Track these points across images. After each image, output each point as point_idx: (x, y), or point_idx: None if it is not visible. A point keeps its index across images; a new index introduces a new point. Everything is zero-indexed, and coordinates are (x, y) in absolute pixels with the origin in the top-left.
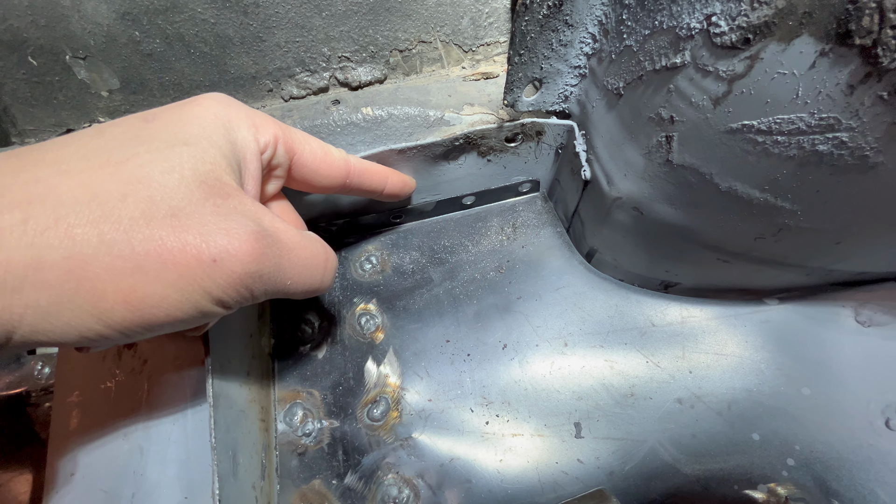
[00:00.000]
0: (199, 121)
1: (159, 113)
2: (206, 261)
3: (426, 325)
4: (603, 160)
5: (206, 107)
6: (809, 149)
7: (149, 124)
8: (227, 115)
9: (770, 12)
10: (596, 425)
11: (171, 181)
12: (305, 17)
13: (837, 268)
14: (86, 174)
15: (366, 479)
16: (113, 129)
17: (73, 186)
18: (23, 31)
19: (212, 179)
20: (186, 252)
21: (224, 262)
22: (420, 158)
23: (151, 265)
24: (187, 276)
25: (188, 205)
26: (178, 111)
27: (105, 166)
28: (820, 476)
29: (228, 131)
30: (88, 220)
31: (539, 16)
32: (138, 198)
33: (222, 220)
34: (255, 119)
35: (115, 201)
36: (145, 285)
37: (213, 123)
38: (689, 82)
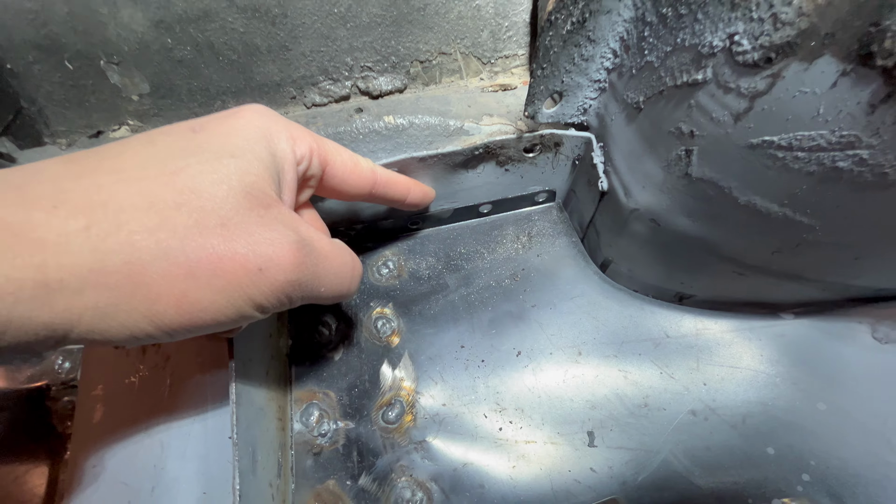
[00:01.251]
0: (243, 133)
1: (205, 124)
2: (252, 269)
3: (441, 330)
4: (621, 172)
5: (249, 119)
6: (829, 165)
7: (197, 135)
8: (267, 127)
9: (793, 33)
10: (609, 435)
11: (220, 192)
12: (331, 27)
13: (855, 283)
14: (143, 183)
15: (380, 481)
16: (163, 138)
17: (132, 195)
18: (62, 36)
19: (256, 190)
20: (235, 261)
21: (268, 270)
22: (440, 166)
23: (203, 272)
24: (234, 284)
25: (236, 215)
26: (223, 123)
27: (160, 176)
28: (835, 492)
29: (269, 143)
30: (147, 227)
31: (563, 31)
32: (191, 207)
33: (266, 231)
34: (293, 131)
35: (171, 210)
36: (196, 290)
37: (256, 135)
38: (711, 98)
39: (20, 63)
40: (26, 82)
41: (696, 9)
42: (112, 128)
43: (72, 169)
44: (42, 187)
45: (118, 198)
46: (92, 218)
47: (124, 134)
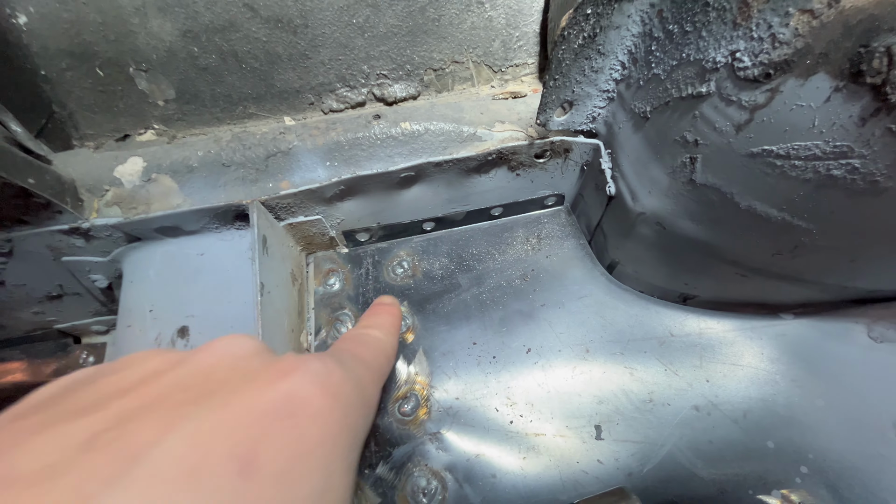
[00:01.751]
0: (323, 452)
1: (261, 448)
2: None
3: (454, 327)
4: (628, 177)
5: (325, 417)
6: (824, 173)
7: (249, 483)
8: (352, 415)
9: (790, 51)
10: (616, 428)
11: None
12: (349, 37)
13: (851, 285)
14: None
15: (396, 470)
16: (191, 496)
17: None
18: (94, 45)
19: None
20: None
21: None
22: (454, 171)
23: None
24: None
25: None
26: (289, 443)
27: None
28: (832, 484)
29: (355, 441)
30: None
31: (575, 45)
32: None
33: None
34: (369, 391)
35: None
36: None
37: (338, 450)
38: (714, 110)
39: (54, 70)
40: (59, 88)
41: (701, 27)
42: (138, 132)
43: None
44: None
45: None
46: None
47: (150, 138)
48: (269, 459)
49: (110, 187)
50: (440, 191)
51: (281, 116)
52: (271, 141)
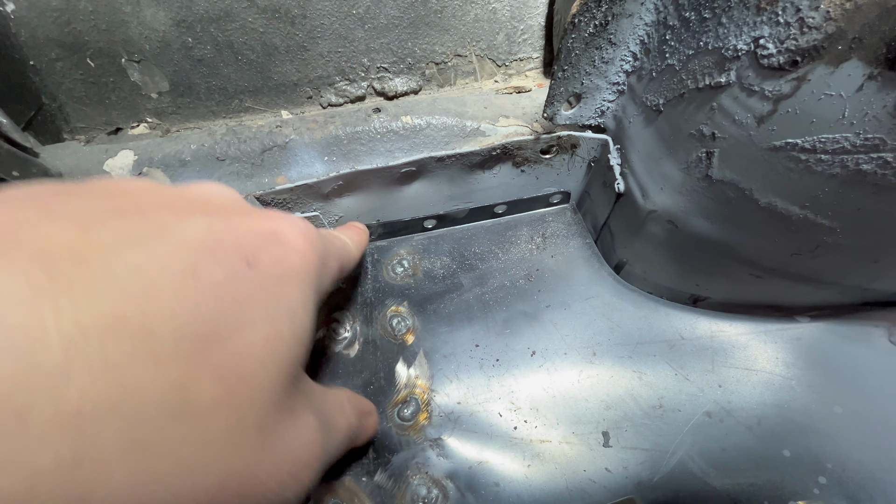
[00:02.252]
0: (299, 277)
1: (259, 253)
2: (277, 484)
3: (456, 329)
4: (638, 174)
5: (305, 253)
6: (853, 168)
7: (252, 271)
8: (320, 266)
9: (819, 37)
10: (624, 435)
11: (268, 376)
12: (349, 29)
13: (873, 287)
14: (164, 368)
15: (395, 478)
16: (210, 265)
17: (145, 384)
18: (84, 34)
19: (297, 364)
20: (265, 480)
21: (296, 475)
22: (457, 166)
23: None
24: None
25: (274, 408)
26: (279, 256)
27: (197, 344)
28: (852, 495)
29: (318, 290)
30: (162, 449)
31: (585, 34)
32: (234, 407)
33: (297, 426)
34: (331, 263)
35: (205, 412)
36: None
37: (310, 281)
38: (734, 101)
39: (43, 60)
40: (48, 79)
41: (721, 13)
42: (131, 125)
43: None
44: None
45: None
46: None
47: (143, 131)
48: (267, 264)
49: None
50: (442, 187)
51: (278, 110)
52: (267, 135)
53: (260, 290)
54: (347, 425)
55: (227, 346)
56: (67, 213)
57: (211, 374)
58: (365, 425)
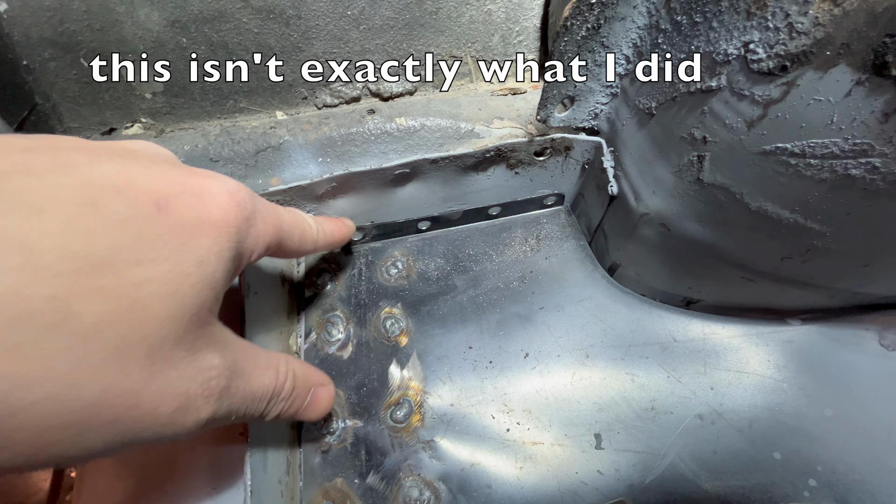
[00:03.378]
0: (215, 228)
1: (173, 201)
2: (163, 413)
3: (449, 330)
4: (631, 176)
5: (226, 208)
6: (842, 172)
7: (162, 216)
8: (242, 220)
9: (808, 42)
10: (616, 437)
11: (166, 311)
12: (344, 29)
13: (863, 290)
14: (63, 279)
15: (387, 480)
16: (115, 205)
17: (40, 288)
18: (78, 34)
19: (204, 309)
20: (146, 404)
21: (182, 412)
22: (451, 168)
23: (98, 418)
24: (134, 428)
25: (169, 343)
26: (195, 203)
27: (98, 268)
28: (842, 498)
29: (238, 245)
30: (41, 353)
31: (578, 37)
32: (123, 328)
33: (192, 362)
34: (260, 227)
35: (90, 331)
36: (77, 436)
37: (228, 234)
38: (724, 105)
39: (36, 60)
40: (41, 79)
41: (712, 17)
42: (125, 125)
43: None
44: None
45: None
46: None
47: (137, 132)
48: (180, 211)
49: None
50: (436, 189)
51: (273, 111)
52: (261, 136)
53: (168, 232)
54: (275, 385)
55: (123, 274)
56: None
57: (98, 295)
58: (315, 397)
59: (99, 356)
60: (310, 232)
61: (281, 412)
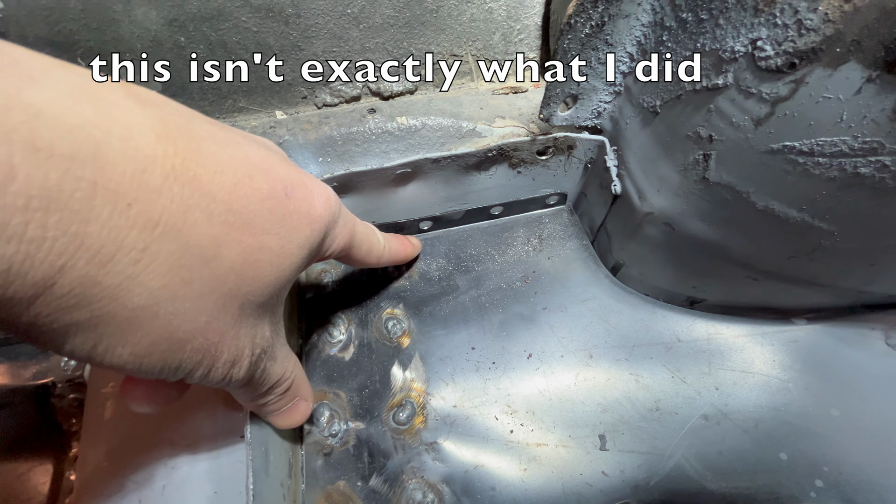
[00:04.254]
0: (315, 221)
1: (295, 190)
2: (217, 365)
3: (452, 331)
4: (635, 175)
5: (324, 206)
6: (851, 171)
7: (287, 200)
8: (331, 223)
9: (818, 39)
10: (621, 438)
11: (268, 277)
12: (344, 28)
13: (870, 289)
14: (219, 226)
15: (390, 483)
16: (264, 181)
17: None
18: (75, 33)
19: (284, 288)
20: (210, 350)
21: (223, 372)
22: (452, 168)
23: (187, 343)
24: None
25: (254, 306)
26: (307, 198)
27: (239, 227)
28: (849, 499)
29: (322, 243)
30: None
31: (581, 35)
32: (237, 280)
33: (248, 337)
34: (339, 231)
35: (222, 273)
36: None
37: (321, 229)
38: (731, 103)
39: None
40: None
41: (718, 14)
42: None
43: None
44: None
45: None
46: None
47: None
48: (298, 200)
49: None
50: (438, 189)
51: (272, 110)
52: (261, 135)
53: (288, 215)
54: (280, 379)
55: (256, 237)
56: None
57: (238, 247)
58: (295, 407)
59: (218, 293)
60: (377, 246)
61: (266, 403)
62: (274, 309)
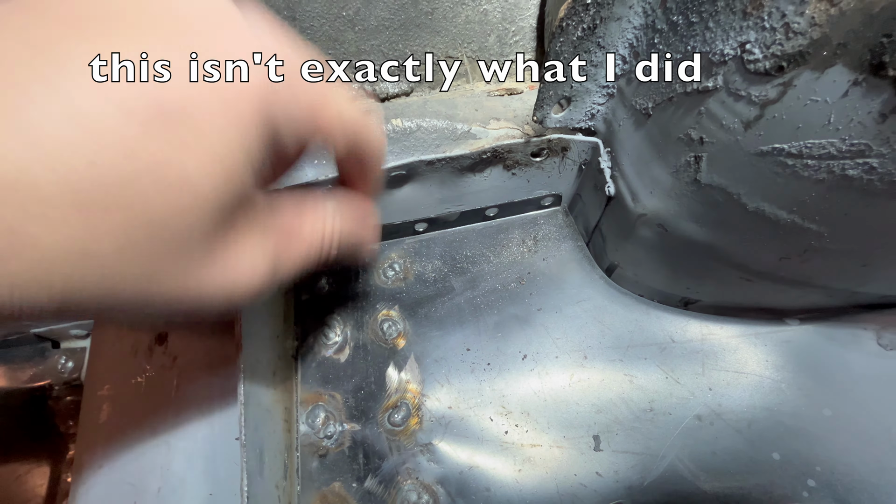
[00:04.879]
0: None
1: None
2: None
3: (447, 333)
4: (628, 177)
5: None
6: (839, 173)
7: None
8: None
9: (805, 42)
10: (615, 439)
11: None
12: (339, 30)
13: (862, 290)
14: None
15: (385, 484)
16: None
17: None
18: None
19: (244, 191)
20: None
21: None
22: (447, 170)
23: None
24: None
25: (208, 238)
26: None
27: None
28: (842, 498)
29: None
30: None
31: (573, 38)
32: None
33: (236, 255)
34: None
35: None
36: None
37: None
38: (721, 105)
39: None
40: None
41: (708, 17)
42: None
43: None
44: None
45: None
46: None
47: None
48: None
49: None
50: (433, 190)
51: None
52: None
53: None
54: (328, 234)
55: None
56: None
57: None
58: (357, 242)
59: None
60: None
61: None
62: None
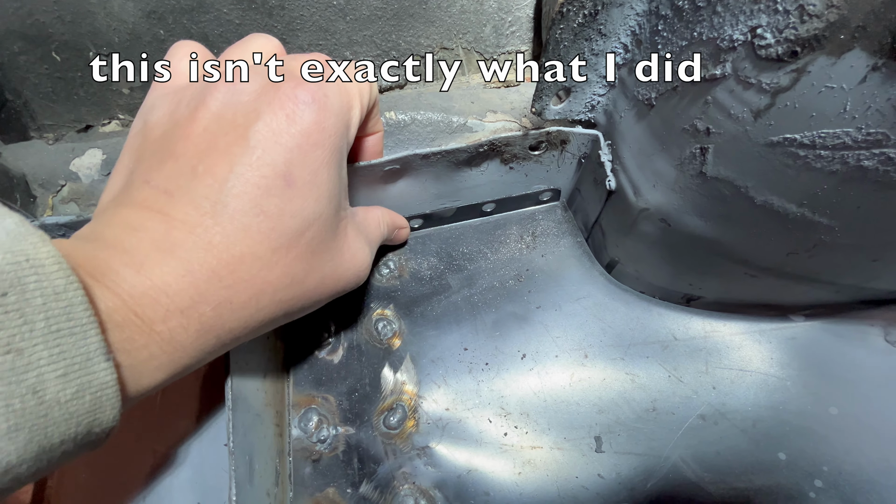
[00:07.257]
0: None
1: (295, 172)
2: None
3: (444, 332)
4: (630, 170)
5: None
6: (854, 164)
7: (289, 190)
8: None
9: (821, 25)
10: (617, 440)
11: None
12: (330, 20)
13: (870, 286)
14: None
15: (381, 489)
16: (254, 180)
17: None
18: (48, 26)
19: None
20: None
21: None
22: (443, 164)
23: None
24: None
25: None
26: (316, 173)
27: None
28: (849, 498)
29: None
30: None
31: (574, 24)
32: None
33: (353, 246)
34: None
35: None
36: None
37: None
38: (729, 94)
39: (5, 54)
40: (11, 74)
41: (716, 1)
42: (102, 122)
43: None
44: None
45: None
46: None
47: (114, 129)
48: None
49: (66, 182)
50: (428, 185)
51: None
52: None
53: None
54: (380, 235)
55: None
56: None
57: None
58: (395, 237)
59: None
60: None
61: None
62: (344, 215)
